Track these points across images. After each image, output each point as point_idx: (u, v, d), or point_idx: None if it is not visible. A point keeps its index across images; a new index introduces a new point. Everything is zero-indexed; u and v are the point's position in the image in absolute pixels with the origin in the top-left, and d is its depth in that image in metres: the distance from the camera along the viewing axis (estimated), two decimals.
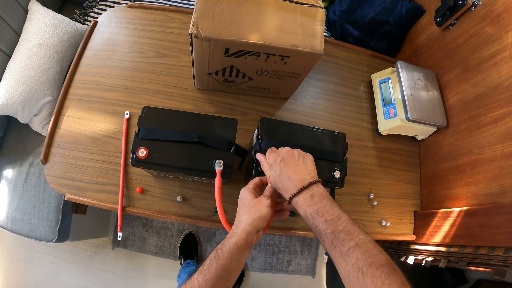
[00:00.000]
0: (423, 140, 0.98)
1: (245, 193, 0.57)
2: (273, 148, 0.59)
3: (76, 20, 1.12)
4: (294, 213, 0.80)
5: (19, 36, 1.01)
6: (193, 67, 0.77)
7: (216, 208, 0.76)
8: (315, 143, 0.67)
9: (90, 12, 1.15)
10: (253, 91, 0.84)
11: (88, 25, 0.98)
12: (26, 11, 1.03)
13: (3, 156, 1.02)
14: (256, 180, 0.60)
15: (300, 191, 0.51)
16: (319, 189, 0.52)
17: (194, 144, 0.63)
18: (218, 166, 0.61)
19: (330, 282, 1.57)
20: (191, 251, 1.48)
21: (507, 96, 0.73)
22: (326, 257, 0.81)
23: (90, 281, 1.43)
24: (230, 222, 0.58)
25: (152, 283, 1.47)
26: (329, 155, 0.66)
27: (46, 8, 1.01)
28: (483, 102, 0.80)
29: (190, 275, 1.15)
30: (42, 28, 0.98)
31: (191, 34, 0.63)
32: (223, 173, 0.61)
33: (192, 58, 0.72)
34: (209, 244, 1.55)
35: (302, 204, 0.50)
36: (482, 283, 1.45)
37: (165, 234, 1.52)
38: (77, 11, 1.16)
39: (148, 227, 1.52)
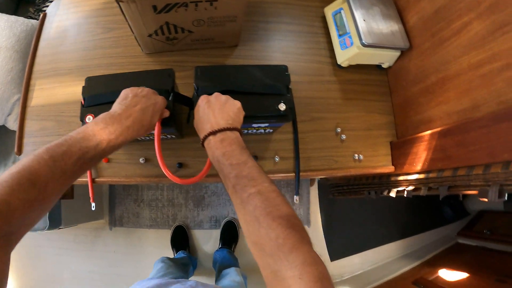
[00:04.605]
0: (389, 67, 0.94)
1: None
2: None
3: (31, 18, 1.15)
4: (257, 157, 0.80)
5: None
6: (133, 33, 0.77)
7: (179, 163, 0.78)
8: (255, 80, 0.66)
9: (43, 7, 1.17)
10: (199, 44, 0.84)
11: None
12: None
13: None
14: None
15: (213, 133, 0.50)
16: (233, 135, 0.51)
17: None
18: None
19: (326, 229, 1.59)
20: (182, 242, 1.52)
21: (466, 4, 0.68)
22: (297, 197, 0.82)
23: (96, 265, 1.51)
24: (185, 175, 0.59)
25: (152, 255, 1.53)
26: (271, 89, 0.66)
27: None
28: (442, 15, 0.75)
29: (174, 259, 1.18)
30: None
31: (117, 0, 0.63)
32: (165, 121, 0.62)
33: (129, 24, 0.73)
34: (200, 234, 1.60)
35: (212, 146, 0.50)
36: (483, 214, 1.41)
37: (157, 206, 1.58)
38: (31, 9, 1.19)
39: (139, 202, 1.59)
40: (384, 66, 0.93)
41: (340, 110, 0.88)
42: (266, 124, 0.71)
